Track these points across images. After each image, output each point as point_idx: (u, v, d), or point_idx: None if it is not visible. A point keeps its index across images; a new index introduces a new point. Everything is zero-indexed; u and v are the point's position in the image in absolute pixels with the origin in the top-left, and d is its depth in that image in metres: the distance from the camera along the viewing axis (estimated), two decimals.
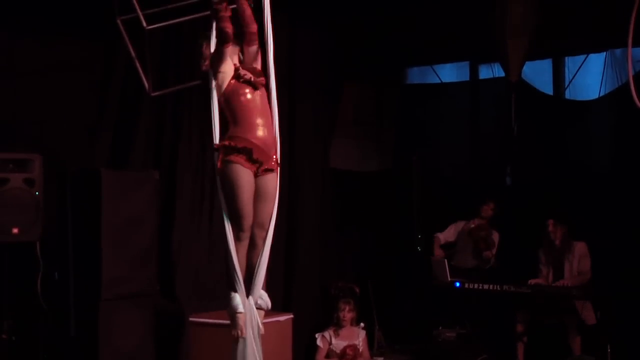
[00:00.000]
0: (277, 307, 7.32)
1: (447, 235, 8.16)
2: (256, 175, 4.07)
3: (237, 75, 4.09)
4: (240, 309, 3.98)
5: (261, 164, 4.07)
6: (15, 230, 5.66)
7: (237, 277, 4.00)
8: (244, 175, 4.01)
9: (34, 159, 5.77)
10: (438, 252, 8.05)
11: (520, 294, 7.16)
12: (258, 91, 4.12)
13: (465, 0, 7.61)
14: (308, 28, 7.99)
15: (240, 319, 3.98)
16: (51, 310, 6.07)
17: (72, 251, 6.18)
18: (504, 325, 7.46)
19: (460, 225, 8.12)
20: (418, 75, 9.79)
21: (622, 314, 6.99)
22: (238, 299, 3.99)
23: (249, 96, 4.08)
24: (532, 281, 7.28)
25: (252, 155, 4.02)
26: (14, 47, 6.18)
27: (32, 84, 6.26)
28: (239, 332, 3.98)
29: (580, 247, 7.28)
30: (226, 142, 4.05)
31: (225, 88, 4.08)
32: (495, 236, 7.92)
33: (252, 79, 4.10)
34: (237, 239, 4.02)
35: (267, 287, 4.16)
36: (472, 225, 7.98)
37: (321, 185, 8.22)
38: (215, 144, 4.12)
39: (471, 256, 7.95)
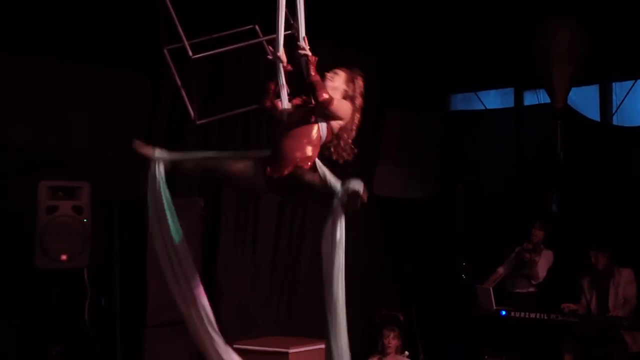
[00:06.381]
0: (320, 334, 7.31)
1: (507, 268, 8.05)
2: None
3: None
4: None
5: None
6: (63, 257, 5.75)
7: None
8: None
9: (82, 187, 5.87)
10: (488, 283, 7.93)
11: (567, 323, 7.04)
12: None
13: (509, 26, 7.59)
14: (350, 56, 8.01)
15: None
16: (98, 336, 6.13)
17: (119, 278, 6.25)
18: (551, 355, 7.33)
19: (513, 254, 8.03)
20: (462, 102, 9.78)
21: None
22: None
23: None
24: (566, 307, 7.17)
25: None
26: (63, 76, 6.32)
27: (81, 113, 6.39)
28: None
29: (626, 274, 7.16)
30: None
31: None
32: (549, 254, 7.78)
33: None
34: None
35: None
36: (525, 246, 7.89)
37: (365, 212, 8.20)
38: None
39: (518, 273, 7.82)
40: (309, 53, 3.93)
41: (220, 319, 6.76)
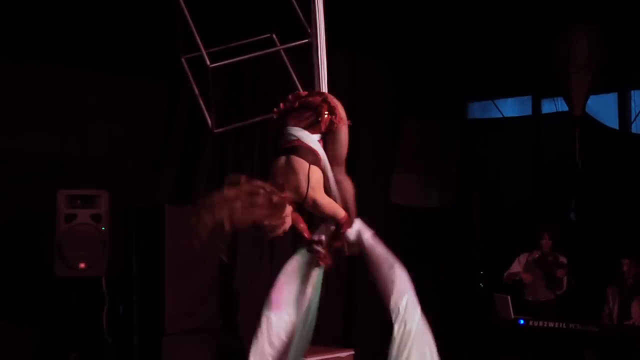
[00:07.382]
0: (338, 342, 7.29)
1: (515, 269, 8.00)
2: None
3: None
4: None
5: None
6: (82, 265, 5.78)
7: None
8: None
9: (100, 195, 5.90)
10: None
11: (587, 332, 6.98)
12: None
13: (527, 34, 7.56)
14: (368, 64, 8.02)
15: None
16: (116, 344, 6.16)
17: (137, 286, 6.26)
18: None
19: (523, 258, 7.97)
20: (479, 110, 9.73)
21: None
22: None
23: None
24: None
25: None
26: (82, 85, 6.37)
27: (99, 121, 6.44)
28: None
29: None
30: None
31: None
32: (563, 259, 7.75)
33: None
34: None
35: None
36: (536, 256, 7.83)
37: (382, 220, 8.18)
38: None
39: (544, 284, 7.76)
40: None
41: (238, 328, 6.82)
